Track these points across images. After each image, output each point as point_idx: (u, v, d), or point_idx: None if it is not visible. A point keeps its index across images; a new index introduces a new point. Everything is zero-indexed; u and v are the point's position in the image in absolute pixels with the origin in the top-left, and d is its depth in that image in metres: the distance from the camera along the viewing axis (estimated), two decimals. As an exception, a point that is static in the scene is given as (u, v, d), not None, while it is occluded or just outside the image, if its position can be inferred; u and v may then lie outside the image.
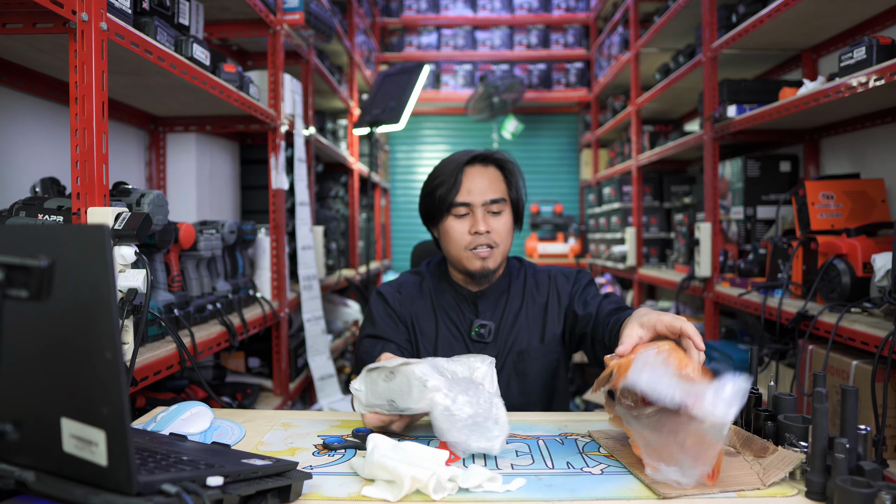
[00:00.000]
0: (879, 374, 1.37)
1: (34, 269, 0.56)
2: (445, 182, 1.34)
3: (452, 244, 1.35)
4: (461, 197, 1.33)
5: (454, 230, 1.34)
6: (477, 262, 1.34)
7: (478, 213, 1.32)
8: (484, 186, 1.33)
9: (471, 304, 1.41)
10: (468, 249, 1.33)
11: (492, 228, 1.33)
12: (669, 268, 3.52)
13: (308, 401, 2.67)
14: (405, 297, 1.42)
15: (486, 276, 1.36)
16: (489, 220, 1.33)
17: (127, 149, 2.14)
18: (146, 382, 1.21)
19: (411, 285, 1.44)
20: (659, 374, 0.81)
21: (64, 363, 0.61)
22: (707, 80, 2.52)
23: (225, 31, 2.17)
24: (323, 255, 2.81)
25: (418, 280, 1.46)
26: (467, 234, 1.33)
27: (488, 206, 1.33)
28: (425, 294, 1.43)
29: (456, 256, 1.36)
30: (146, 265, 1.19)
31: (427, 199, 1.39)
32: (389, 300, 1.41)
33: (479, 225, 1.31)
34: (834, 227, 1.82)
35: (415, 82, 3.38)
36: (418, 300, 1.42)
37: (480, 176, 1.35)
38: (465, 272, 1.37)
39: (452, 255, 1.37)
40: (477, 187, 1.33)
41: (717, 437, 0.76)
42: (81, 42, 1.10)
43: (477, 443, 0.88)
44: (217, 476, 0.66)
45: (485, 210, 1.33)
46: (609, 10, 4.80)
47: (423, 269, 1.49)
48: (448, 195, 1.33)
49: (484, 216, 1.33)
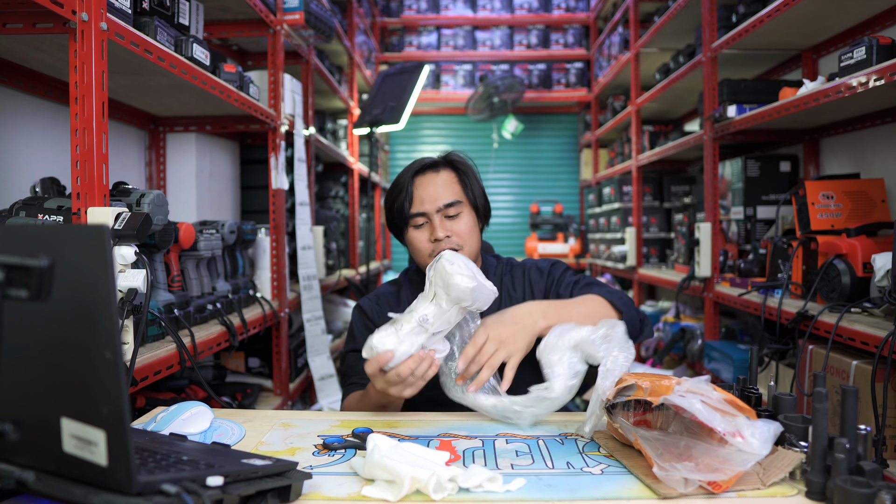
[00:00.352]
0: (879, 374, 1.37)
1: (34, 269, 0.56)
2: (399, 194, 1.37)
3: (417, 254, 1.38)
4: (415, 207, 1.35)
5: (416, 240, 1.36)
6: None
7: (435, 221, 1.34)
8: (436, 193, 1.35)
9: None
10: (432, 257, 1.34)
11: (452, 232, 1.34)
12: (669, 268, 3.52)
13: (308, 401, 2.67)
14: (383, 308, 1.43)
15: None
16: (447, 224, 1.34)
17: (127, 149, 2.14)
18: (146, 382, 1.21)
19: (389, 296, 1.46)
20: (704, 398, 0.83)
21: (64, 363, 0.61)
22: (707, 80, 2.52)
23: (225, 31, 2.17)
24: (323, 255, 2.81)
25: (395, 290, 1.47)
26: (428, 242, 1.35)
27: (444, 210, 1.34)
28: (403, 302, 1.43)
29: (423, 265, 1.38)
30: (146, 265, 1.19)
31: (388, 213, 1.42)
32: (368, 312, 1.43)
33: (437, 231, 1.33)
34: (834, 227, 1.82)
35: (415, 82, 3.38)
36: (396, 308, 1.42)
37: (431, 183, 1.36)
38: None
39: (420, 264, 1.39)
40: (429, 195, 1.34)
41: (741, 465, 0.78)
42: (81, 42, 1.10)
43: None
44: (217, 476, 0.66)
45: (441, 216, 1.34)
46: (609, 10, 4.80)
47: (400, 278, 1.50)
48: (403, 208, 1.36)
49: (441, 222, 1.34)
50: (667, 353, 3.03)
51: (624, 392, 0.93)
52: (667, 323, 3.19)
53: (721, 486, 0.77)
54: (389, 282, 1.52)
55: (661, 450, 0.84)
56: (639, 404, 0.96)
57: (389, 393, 1.09)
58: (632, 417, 0.96)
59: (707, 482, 0.77)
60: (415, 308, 1.10)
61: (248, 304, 1.95)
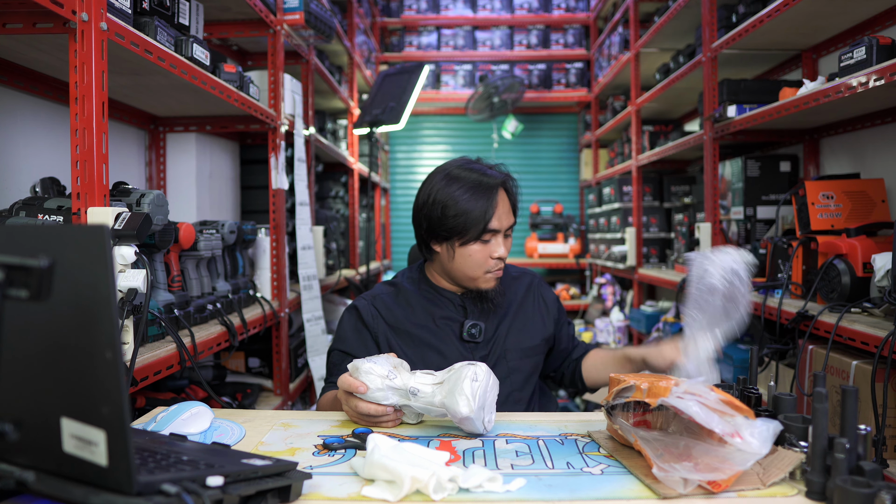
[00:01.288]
0: (879, 374, 1.37)
1: (34, 269, 0.56)
2: (476, 207, 1.30)
3: (471, 267, 1.34)
4: (494, 224, 1.32)
5: (479, 255, 1.33)
6: (491, 283, 1.37)
7: (500, 239, 1.34)
8: (506, 212, 1.36)
9: (458, 307, 1.41)
10: (487, 272, 1.35)
11: (506, 250, 1.36)
12: (669, 268, 3.52)
13: (308, 401, 2.67)
14: (380, 310, 1.41)
15: (490, 291, 1.39)
16: (505, 243, 1.36)
17: (127, 149, 2.14)
18: (146, 382, 1.21)
19: (386, 297, 1.44)
20: (702, 400, 0.83)
21: (64, 363, 0.61)
22: (707, 80, 2.52)
23: (225, 31, 2.17)
24: (323, 255, 2.81)
25: (394, 291, 1.45)
26: (489, 258, 1.34)
27: (506, 230, 1.36)
28: (402, 303, 1.42)
29: (471, 277, 1.36)
30: (146, 265, 1.19)
31: (447, 220, 1.32)
32: (363, 313, 1.40)
33: (502, 250, 1.34)
34: (834, 227, 1.82)
35: (415, 82, 3.38)
36: (395, 309, 1.41)
37: (503, 201, 1.35)
38: (475, 290, 1.39)
39: (466, 275, 1.36)
40: (503, 213, 1.34)
41: (741, 464, 0.78)
42: (81, 42, 1.10)
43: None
44: (217, 476, 0.66)
45: (502, 235, 1.35)
46: (609, 10, 4.80)
47: (398, 279, 1.48)
48: (482, 220, 1.30)
49: (504, 241, 1.35)
50: (667, 353, 3.02)
51: (623, 393, 0.93)
52: (667, 323, 3.19)
53: (720, 486, 0.77)
54: (386, 282, 1.50)
55: (660, 450, 0.84)
56: (638, 405, 0.96)
57: (343, 410, 1.12)
58: (631, 418, 0.96)
59: (706, 482, 0.77)
60: (419, 374, 1.07)
61: (248, 304, 1.95)
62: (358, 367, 1.07)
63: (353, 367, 1.08)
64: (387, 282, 1.50)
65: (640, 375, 0.95)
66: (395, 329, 1.39)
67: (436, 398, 1.03)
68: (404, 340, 1.38)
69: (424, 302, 1.41)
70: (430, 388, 1.04)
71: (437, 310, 1.40)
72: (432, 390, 1.03)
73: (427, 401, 1.03)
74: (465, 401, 0.98)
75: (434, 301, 1.41)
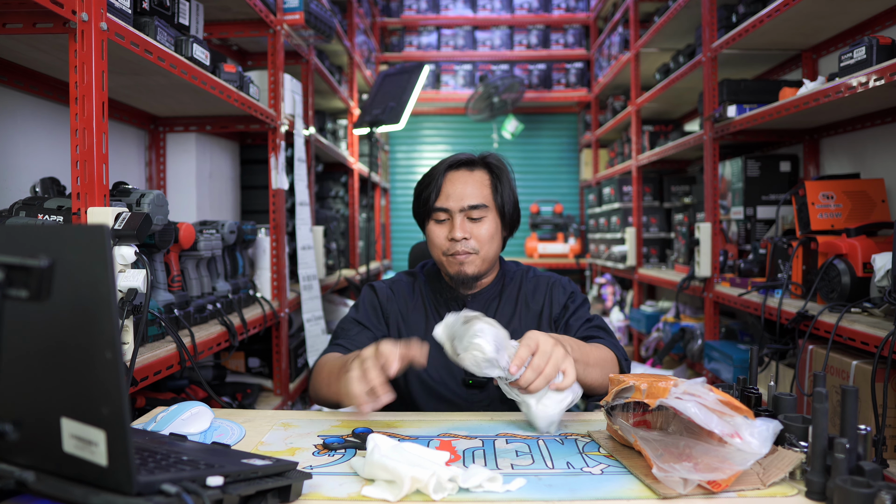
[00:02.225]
0: (879, 374, 1.37)
1: (34, 269, 0.56)
2: (428, 186, 1.36)
3: (433, 248, 1.37)
4: (440, 202, 1.34)
5: (434, 234, 1.35)
6: (454, 266, 1.34)
7: (456, 220, 1.32)
8: (464, 192, 1.33)
9: (461, 307, 1.40)
10: (447, 255, 1.34)
11: (471, 234, 1.32)
12: (669, 268, 3.52)
13: (308, 401, 2.67)
14: (396, 295, 1.43)
15: (465, 281, 1.35)
16: (468, 226, 1.32)
17: (127, 149, 2.14)
18: (146, 382, 1.21)
19: (404, 285, 1.46)
20: (701, 400, 0.83)
21: (64, 363, 0.61)
22: (707, 80, 2.52)
23: (225, 31, 2.17)
24: (323, 255, 2.81)
25: (411, 280, 1.47)
26: (446, 239, 1.34)
27: (467, 212, 1.32)
28: (417, 295, 1.44)
29: (438, 260, 1.38)
30: (146, 265, 1.19)
31: (415, 201, 1.41)
32: (379, 294, 1.43)
33: (456, 231, 1.31)
34: (834, 227, 1.82)
35: (415, 82, 3.38)
36: (409, 300, 1.43)
37: (463, 181, 1.34)
38: (448, 276, 1.39)
39: (435, 259, 1.39)
40: (456, 193, 1.33)
41: (741, 464, 0.78)
42: (81, 42, 1.10)
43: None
44: (217, 476, 0.66)
45: (464, 216, 1.33)
46: (609, 10, 4.80)
47: (417, 270, 1.50)
48: (429, 200, 1.34)
49: (462, 222, 1.32)
50: (667, 353, 3.03)
51: (622, 394, 0.93)
52: (667, 323, 3.19)
53: (720, 485, 0.77)
54: (406, 272, 1.51)
55: (660, 450, 0.84)
56: (638, 405, 0.96)
57: (347, 376, 1.03)
58: (631, 418, 0.96)
59: (706, 481, 0.77)
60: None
61: (248, 304, 1.95)
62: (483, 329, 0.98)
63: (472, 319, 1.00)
64: (407, 271, 1.52)
65: (640, 376, 0.95)
66: (404, 316, 1.42)
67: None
68: (410, 331, 1.40)
69: (434, 296, 1.43)
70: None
71: (443, 306, 1.41)
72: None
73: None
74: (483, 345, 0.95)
75: (441, 297, 1.43)
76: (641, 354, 3.41)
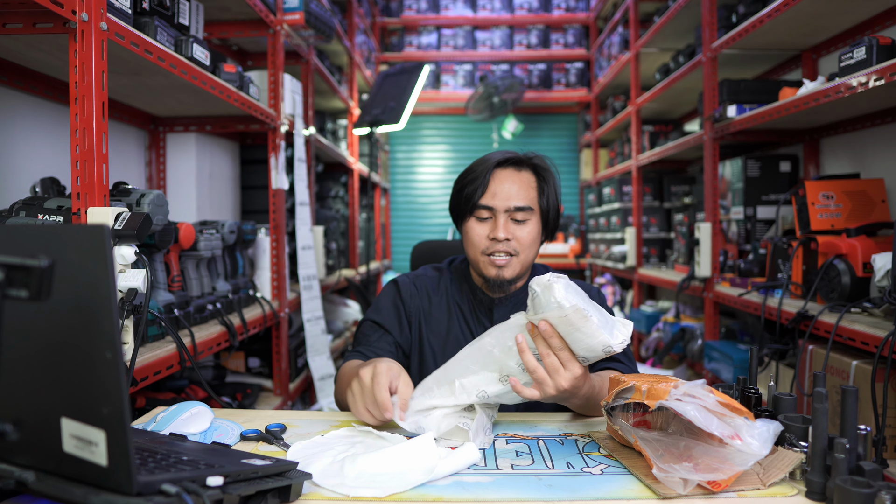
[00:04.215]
0: (879, 374, 1.37)
1: (34, 269, 0.56)
2: (474, 181, 1.29)
3: (471, 246, 1.31)
4: (486, 199, 1.28)
5: (474, 232, 1.30)
6: (492, 268, 1.29)
7: (500, 219, 1.27)
8: (511, 192, 1.28)
9: (487, 311, 1.36)
10: (485, 254, 1.29)
11: (513, 236, 1.27)
12: (669, 268, 3.52)
13: (308, 401, 2.67)
14: (420, 291, 1.39)
15: (501, 284, 1.30)
16: (511, 227, 1.28)
17: (127, 149, 2.14)
18: (146, 382, 1.21)
19: (429, 280, 1.41)
20: (701, 402, 0.83)
21: (64, 363, 0.61)
22: (707, 80, 2.52)
23: (225, 31, 2.17)
24: (323, 255, 2.81)
25: (437, 276, 1.42)
26: (486, 238, 1.28)
27: (512, 212, 1.27)
28: (441, 291, 1.39)
29: (473, 259, 1.32)
30: (146, 265, 1.19)
31: (455, 196, 1.34)
32: (402, 290, 1.38)
33: (499, 231, 1.26)
34: (834, 227, 1.82)
35: (415, 82, 3.38)
36: (434, 296, 1.39)
37: (510, 180, 1.29)
38: (482, 277, 1.33)
39: (470, 258, 1.34)
40: (503, 192, 1.28)
41: (741, 465, 0.78)
42: (81, 42, 1.10)
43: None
44: (217, 476, 0.66)
45: (508, 216, 1.28)
46: (609, 10, 4.80)
47: (444, 266, 1.45)
48: (473, 195, 1.28)
49: (506, 222, 1.27)
50: (667, 353, 3.03)
51: (623, 394, 0.93)
52: (667, 323, 3.19)
53: (720, 485, 0.77)
54: (433, 266, 1.46)
55: (661, 451, 0.84)
56: (638, 405, 0.96)
57: (353, 404, 1.03)
58: (631, 418, 0.96)
59: (706, 482, 0.77)
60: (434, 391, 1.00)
61: (248, 304, 1.95)
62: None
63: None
64: (434, 266, 1.47)
65: (640, 376, 0.95)
66: (426, 314, 1.37)
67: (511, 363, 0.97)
68: (432, 329, 1.36)
69: (459, 296, 1.39)
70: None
71: (467, 307, 1.37)
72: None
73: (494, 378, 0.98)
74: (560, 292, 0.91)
75: (466, 298, 1.38)
76: (641, 354, 3.41)
